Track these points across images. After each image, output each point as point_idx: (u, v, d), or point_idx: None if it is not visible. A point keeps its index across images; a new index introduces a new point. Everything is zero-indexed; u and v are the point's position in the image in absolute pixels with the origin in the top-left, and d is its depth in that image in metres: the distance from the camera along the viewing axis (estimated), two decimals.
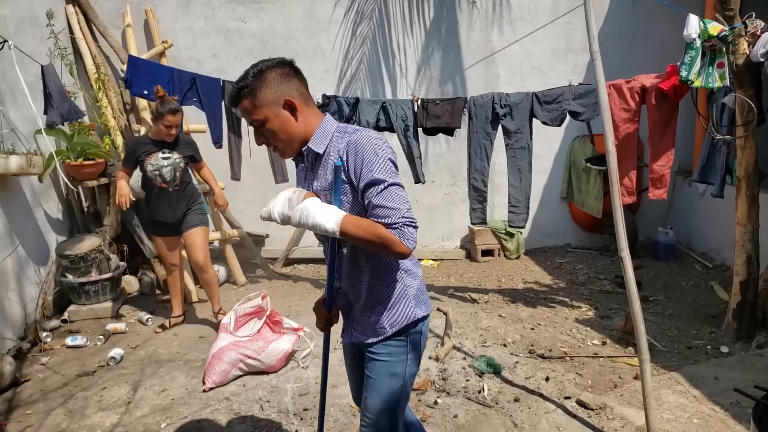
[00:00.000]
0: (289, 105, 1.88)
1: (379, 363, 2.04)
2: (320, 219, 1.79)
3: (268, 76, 1.86)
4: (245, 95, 1.86)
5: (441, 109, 4.94)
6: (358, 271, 2.01)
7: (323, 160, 1.94)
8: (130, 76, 4.85)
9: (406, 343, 2.05)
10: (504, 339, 4.43)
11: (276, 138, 1.91)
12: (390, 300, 2.01)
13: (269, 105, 1.85)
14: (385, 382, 2.04)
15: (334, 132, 1.95)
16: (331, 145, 1.92)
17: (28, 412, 3.51)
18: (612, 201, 2.99)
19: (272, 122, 1.87)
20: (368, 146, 1.82)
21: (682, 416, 3.26)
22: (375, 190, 1.79)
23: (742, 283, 4.32)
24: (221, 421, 3.32)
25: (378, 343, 2.03)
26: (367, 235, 1.77)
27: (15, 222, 4.56)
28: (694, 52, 3.90)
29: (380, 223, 1.77)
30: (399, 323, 2.01)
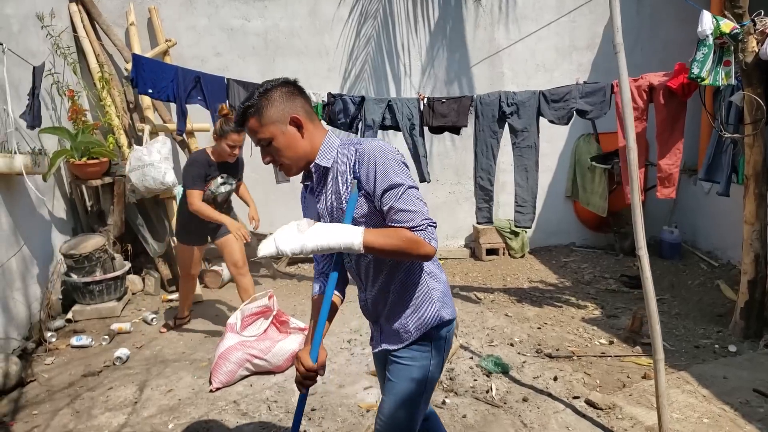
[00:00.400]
0: (296, 122, 1.90)
1: (401, 366, 2.03)
2: (341, 238, 1.80)
3: (273, 95, 1.89)
4: (251, 114, 1.88)
5: (447, 107, 4.91)
6: (384, 279, 2.01)
7: (331, 174, 1.95)
8: (135, 75, 4.82)
9: (430, 349, 2.03)
10: (511, 338, 4.41)
11: (282, 155, 1.91)
12: (415, 303, 2.01)
13: (276, 123, 1.88)
14: (404, 387, 2.02)
15: (338, 146, 1.96)
16: (338, 158, 1.94)
17: (34, 413, 3.50)
18: (631, 198, 2.96)
19: (279, 140, 1.89)
20: (379, 153, 1.84)
21: (692, 416, 3.24)
22: (395, 195, 1.81)
23: (750, 282, 4.30)
24: (229, 422, 3.30)
25: (403, 348, 2.03)
26: (393, 240, 1.79)
27: (20, 221, 4.54)
28: (707, 50, 3.88)
29: (404, 227, 1.79)
30: (425, 326, 2.01)
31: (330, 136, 1.99)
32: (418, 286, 2.02)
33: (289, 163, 1.94)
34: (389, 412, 2.04)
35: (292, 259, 6.59)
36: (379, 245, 1.80)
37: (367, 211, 1.89)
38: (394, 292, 2.02)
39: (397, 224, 1.81)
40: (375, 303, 2.08)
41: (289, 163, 1.94)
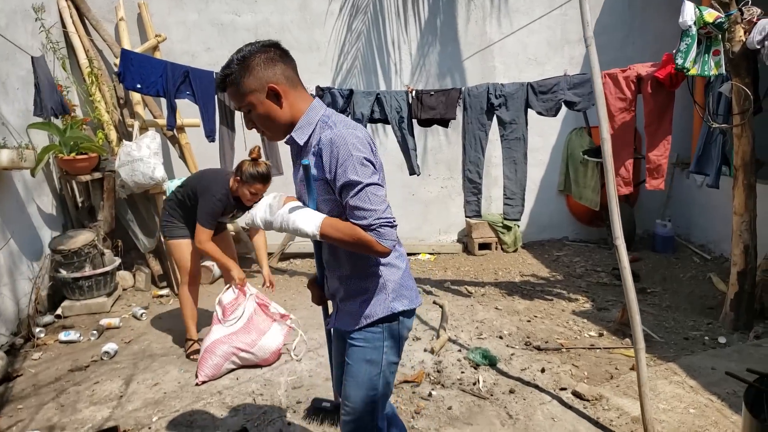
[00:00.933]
0: (273, 92, 1.87)
1: (356, 349, 2.04)
2: (300, 224, 1.84)
3: (251, 62, 1.85)
4: (230, 83, 1.87)
5: (435, 100, 4.89)
6: (338, 263, 2.03)
7: (305, 150, 1.94)
8: (123, 70, 4.80)
9: (382, 331, 2.03)
10: (500, 331, 4.39)
11: (262, 123, 1.92)
12: (367, 292, 2.01)
13: (253, 92, 1.85)
14: (361, 369, 2.03)
15: (318, 121, 1.92)
16: (314, 135, 1.91)
17: (19, 407, 3.48)
18: (607, 188, 2.96)
19: (258, 108, 1.87)
20: (343, 146, 1.79)
21: (679, 406, 3.23)
22: (351, 192, 1.79)
23: (740, 274, 4.28)
24: (213, 414, 3.29)
25: (356, 330, 2.03)
26: (346, 237, 1.81)
27: (7, 217, 4.53)
28: (690, 40, 3.86)
29: (357, 225, 1.79)
30: (374, 315, 2.00)
31: (312, 109, 1.94)
32: (374, 277, 2.01)
33: (270, 133, 1.95)
34: (350, 395, 2.06)
35: (284, 254, 6.58)
36: (334, 237, 1.82)
37: (330, 197, 1.89)
38: (348, 278, 2.02)
39: (352, 220, 1.80)
40: (332, 284, 2.10)
41: (269, 133, 1.95)
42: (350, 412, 2.07)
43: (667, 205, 6.75)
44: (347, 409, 2.08)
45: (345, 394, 2.08)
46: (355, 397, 2.05)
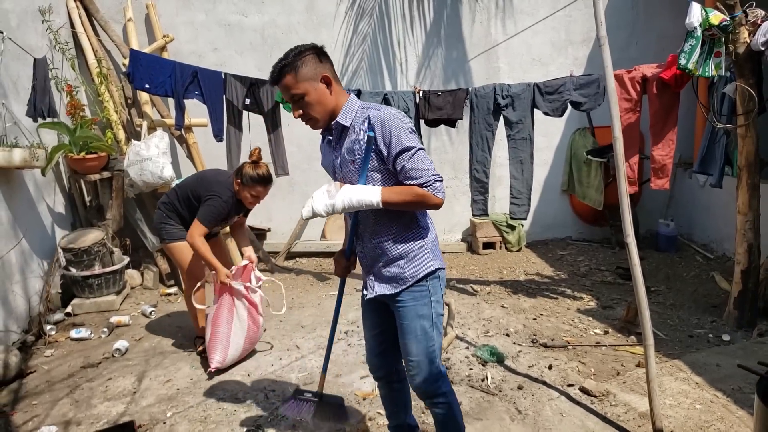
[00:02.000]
0: (326, 80, 2.17)
1: (407, 308, 2.30)
2: (363, 196, 2.13)
3: (306, 55, 2.15)
4: (288, 71, 2.13)
5: (443, 100, 4.94)
6: (383, 229, 2.28)
7: (348, 132, 2.23)
8: (132, 70, 4.85)
9: (427, 287, 2.31)
10: (506, 329, 4.44)
11: (313, 109, 2.17)
12: (411, 253, 2.29)
13: (309, 80, 2.14)
14: (416, 324, 2.30)
15: (357, 108, 2.25)
16: (356, 119, 2.22)
17: (34, 403, 3.53)
18: (618, 186, 2.99)
19: (311, 95, 2.15)
20: (394, 119, 2.12)
21: (685, 402, 3.28)
22: (407, 156, 2.11)
23: (744, 272, 4.33)
24: (227, 410, 3.33)
25: (402, 291, 2.29)
26: (406, 197, 2.12)
27: (19, 215, 4.58)
28: (695, 41, 3.91)
29: (414, 184, 2.11)
30: (420, 273, 2.28)
31: (352, 98, 2.27)
32: (416, 238, 2.29)
33: (317, 117, 2.20)
34: (412, 351, 2.32)
35: (290, 253, 6.63)
36: (394, 201, 2.13)
37: (379, 167, 2.18)
38: (394, 242, 2.27)
39: (409, 181, 2.11)
40: (372, 253, 2.33)
41: (317, 117, 2.20)
42: (415, 366, 2.33)
43: (670, 205, 6.80)
44: (412, 363, 2.34)
45: (406, 351, 2.34)
46: (417, 350, 2.31)
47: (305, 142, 6.52)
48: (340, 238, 6.67)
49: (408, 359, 2.36)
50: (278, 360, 3.99)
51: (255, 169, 3.74)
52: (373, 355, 2.60)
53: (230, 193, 3.83)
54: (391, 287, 2.30)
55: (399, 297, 2.30)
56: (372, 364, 2.63)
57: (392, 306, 2.36)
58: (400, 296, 2.29)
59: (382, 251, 2.30)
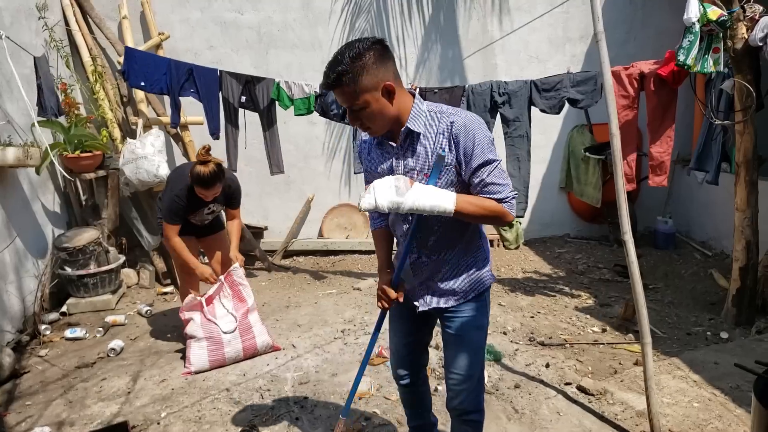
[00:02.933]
0: (388, 90, 1.95)
1: (467, 319, 2.19)
2: (437, 201, 1.93)
3: (366, 60, 1.88)
4: (347, 82, 1.88)
5: (439, 98, 4.92)
6: (451, 242, 2.14)
7: (421, 139, 2.03)
8: (127, 68, 4.83)
9: (485, 299, 2.25)
10: (504, 327, 4.42)
11: (373, 121, 1.99)
12: (475, 265, 2.18)
13: (370, 91, 1.91)
14: (474, 336, 2.22)
15: (425, 111, 2.06)
16: (428, 123, 2.03)
17: (27, 403, 3.50)
18: (615, 184, 2.95)
19: (372, 107, 1.94)
20: (478, 129, 1.97)
21: (683, 400, 3.26)
22: (488, 169, 1.96)
23: (742, 269, 4.31)
24: (221, 410, 3.31)
25: (462, 303, 2.19)
26: (481, 210, 1.97)
27: (13, 215, 4.55)
28: (693, 37, 3.88)
29: (492, 198, 1.97)
30: (484, 285, 2.21)
31: (418, 100, 2.07)
32: (480, 249, 2.20)
33: (376, 129, 2.02)
34: (465, 364, 2.21)
35: (287, 251, 6.60)
36: (468, 211, 1.96)
37: (454, 178, 2.01)
38: (458, 256, 2.15)
39: (487, 195, 1.97)
40: (434, 265, 2.16)
41: (376, 128, 2.02)
42: (463, 380, 2.23)
43: (668, 202, 6.78)
44: (460, 377, 2.23)
45: (457, 365, 2.22)
46: (470, 364, 2.21)
47: (301, 140, 6.50)
48: (338, 237, 6.66)
49: (456, 373, 2.23)
50: (274, 359, 3.97)
51: (199, 168, 3.58)
52: (401, 364, 2.46)
53: (183, 185, 3.74)
54: (450, 300, 2.19)
55: (458, 308, 2.19)
56: (400, 372, 2.48)
57: (444, 316, 2.24)
58: (459, 307, 2.19)
59: (446, 264, 2.15)
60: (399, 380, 2.51)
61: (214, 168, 3.61)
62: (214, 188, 3.67)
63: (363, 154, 2.25)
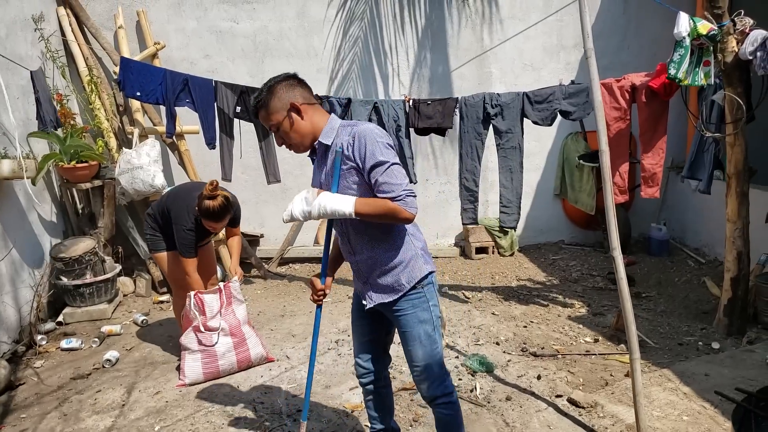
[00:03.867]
0: (294, 107, 2.29)
1: (407, 315, 2.41)
2: (337, 206, 2.22)
3: (276, 88, 2.30)
4: (260, 107, 2.33)
5: (432, 109, 4.95)
6: (375, 240, 2.36)
7: (331, 150, 2.32)
8: (123, 78, 4.86)
9: (423, 293, 2.42)
10: (497, 337, 4.45)
11: (289, 137, 2.34)
12: (404, 261, 2.38)
13: (279, 111, 2.30)
14: (419, 330, 2.41)
15: (338, 127, 2.35)
16: (337, 137, 2.31)
17: (22, 416, 3.53)
18: (605, 200, 2.99)
19: (284, 124, 2.31)
20: (369, 135, 2.22)
21: (672, 413, 3.28)
22: (380, 170, 2.19)
23: (733, 280, 4.34)
24: (215, 423, 3.34)
25: (400, 299, 2.39)
26: (378, 209, 2.19)
27: (9, 225, 4.58)
28: (684, 51, 3.91)
29: (386, 198, 2.17)
30: (414, 279, 2.38)
31: (332, 119, 2.38)
32: (406, 246, 2.39)
33: (296, 143, 2.35)
34: (417, 356, 2.43)
35: (283, 259, 6.63)
36: (365, 212, 2.20)
37: (359, 179, 2.26)
38: (385, 252, 2.36)
39: (381, 194, 2.18)
40: (367, 263, 2.40)
41: (296, 143, 2.35)
42: (422, 370, 2.44)
43: (662, 209, 6.81)
44: (418, 368, 2.45)
45: (412, 358, 2.46)
46: (423, 355, 2.42)
47: None
48: None
49: (414, 365, 2.46)
50: (268, 371, 3.99)
51: (208, 203, 3.57)
52: (362, 362, 2.67)
53: (193, 218, 3.75)
54: (389, 296, 2.39)
55: (397, 306, 2.40)
56: (361, 371, 2.69)
57: (390, 316, 2.47)
58: (398, 305, 2.40)
59: (376, 261, 2.37)
60: (360, 378, 2.71)
61: (223, 201, 3.60)
62: (224, 221, 3.73)
63: (314, 177, 2.51)
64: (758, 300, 4.51)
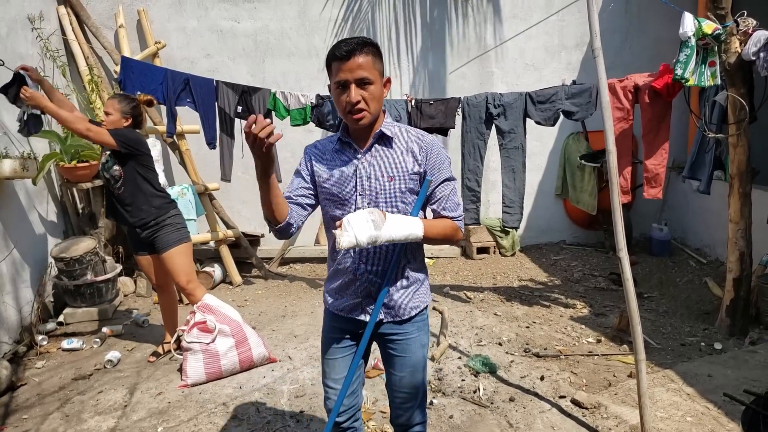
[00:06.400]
0: (387, 83, 2.10)
1: (412, 339, 2.24)
2: (408, 230, 2.01)
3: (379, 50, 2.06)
4: (372, 52, 1.99)
5: (435, 109, 4.94)
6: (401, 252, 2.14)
7: (392, 144, 2.11)
8: (123, 77, 4.84)
9: (426, 318, 2.30)
10: (499, 338, 4.44)
11: (372, 101, 2.01)
12: (418, 282, 2.24)
13: (381, 72, 2.04)
14: (418, 355, 2.26)
15: (393, 124, 2.16)
16: (399, 134, 2.13)
17: (24, 417, 3.52)
18: (612, 201, 2.98)
19: (377, 86, 2.01)
20: (442, 149, 2.13)
21: (676, 414, 3.28)
22: (449, 187, 2.12)
23: (735, 280, 4.34)
24: (218, 424, 3.33)
25: (406, 322, 2.22)
26: (443, 231, 2.09)
27: (9, 225, 4.56)
28: (690, 51, 3.91)
29: (450, 216, 2.12)
30: (423, 303, 2.26)
31: (388, 114, 2.17)
32: (422, 267, 2.27)
33: (370, 113, 2.02)
34: (412, 383, 2.26)
35: (284, 259, 6.62)
36: (432, 235, 2.06)
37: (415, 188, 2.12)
38: (405, 272, 2.18)
39: (446, 212, 2.11)
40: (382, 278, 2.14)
41: (370, 113, 2.02)
42: (411, 398, 2.28)
43: (664, 209, 6.81)
44: (407, 395, 2.27)
45: (406, 385, 2.26)
46: (417, 382, 2.26)
47: (298, 147, 6.44)
48: None
49: (404, 392, 2.27)
50: (270, 372, 3.98)
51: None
52: (343, 397, 2.27)
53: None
54: (393, 315, 2.19)
55: (402, 329, 2.21)
56: (340, 407, 2.28)
57: (388, 339, 2.23)
58: (403, 327, 2.21)
59: (392, 279, 2.15)
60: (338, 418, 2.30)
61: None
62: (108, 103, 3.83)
63: (314, 160, 2.17)
64: (760, 300, 4.51)
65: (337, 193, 2.12)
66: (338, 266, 2.20)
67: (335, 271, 2.23)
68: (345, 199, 2.11)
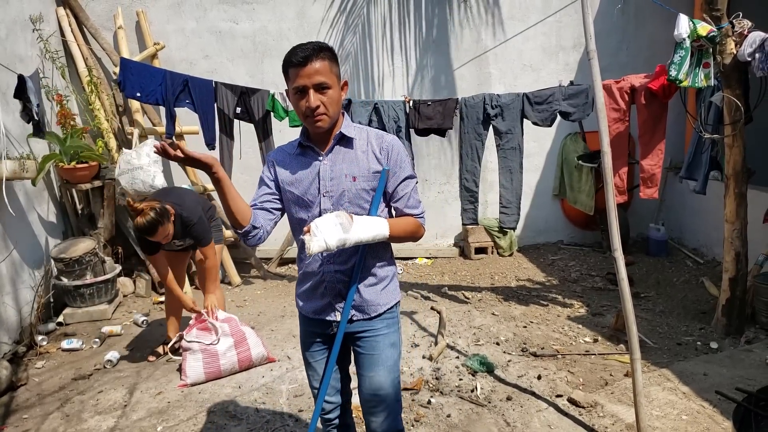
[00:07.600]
0: (345, 86, 2.12)
1: (381, 336, 2.22)
2: (376, 231, 2.05)
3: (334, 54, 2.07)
4: (328, 57, 2.00)
5: (432, 110, 4.96)
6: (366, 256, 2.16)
7: (353, 145, 2.13)
8: (122, 78, 4.86)
9: (396, 315, 2.29)
10: (497, 337, 4.47)
11: (331, 106, 2.03)
12: (387, 279, 2.24)
13: (338, 76, 2.06)
14: (389, 354, 2.23)
15: (352, 125, 2.18)
16: (359, 135, 2.15)
17: (24, 417, 3.54)
18: (606, 202, 3.01)
19: (334, 90, 2.03)
20: (401, 147, 2.17)
21: (671, 413, 3.31)
22: (410, 185, 2.17)
23: (731, 280, 4.36)
24: (217, 423, 3.35)
25: (375, 318, 2.20)
26: (407, 229, 2.15)
27: (9, 226, 4.58)
28: (684, 52, 3.94)
29: (412, 214, 2.17)
30: (392, 300, 2.26)
31: (347, 116, 2.20)
32: (390, 264, 2.28)
33: (329, 117, 2.04)
34: (383, 384, 2.21)
35: (282, 259, 6.64)
36: (397, 233, 2.11)
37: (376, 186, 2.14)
38: (372, 269, 2.19)
39: (408, 210, 2.16)
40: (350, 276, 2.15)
41: (329, 117, 2.03)
42: (383, 399, 2.22)
43: (661, 209, 6.84)
44: (380, 397, 2.21)
45: (376, 385, 2.20)
46: (388, 383, 2.21)
47: None
48: None
49: (376, 393, 2.21)
50: (269, 371, 4.00)
51: (138, 220, 3.49)
52: (330, 398, 2.33)
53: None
54: (365, 312, 2.19)
55: (371, 325, 2.20)
56: (326, 405, 2.34)
57: (357, 337, 2.22)
58: (372, 324, 2.20)
59: (360, 277, 2.15)
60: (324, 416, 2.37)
61: (152, 216, 3.48)
62: (159, 233, 3.55)
63: (277, 165, 2.19)
64: (756, 300, 4.54)
65: (301, 196, 2.13)
66: (307, 269, 2.21)
67: (304, 274, 2.25)
68: (310, 201, 2.12)
